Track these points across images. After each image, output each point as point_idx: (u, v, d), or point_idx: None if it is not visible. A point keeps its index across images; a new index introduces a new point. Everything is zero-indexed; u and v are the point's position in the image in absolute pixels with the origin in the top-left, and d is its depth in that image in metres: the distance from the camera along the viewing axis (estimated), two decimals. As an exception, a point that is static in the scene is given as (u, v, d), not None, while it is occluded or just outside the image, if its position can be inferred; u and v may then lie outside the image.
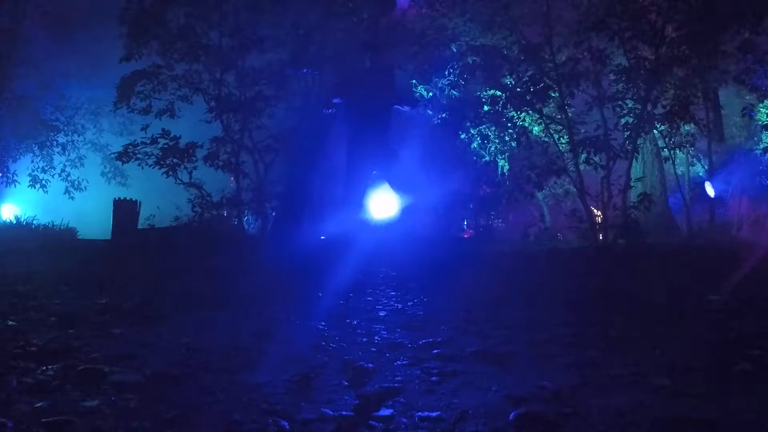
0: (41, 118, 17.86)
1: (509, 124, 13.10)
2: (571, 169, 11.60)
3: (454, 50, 13.65)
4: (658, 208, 13.14)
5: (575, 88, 11.54)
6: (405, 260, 7.93)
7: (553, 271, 7.22)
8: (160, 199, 13.56)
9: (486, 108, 12.99)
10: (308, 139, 13.65)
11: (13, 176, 17.27)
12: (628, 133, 11.41)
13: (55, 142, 18.11)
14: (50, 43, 17.58)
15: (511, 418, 1.86)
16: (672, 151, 13.24)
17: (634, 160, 11.68)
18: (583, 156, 11.30)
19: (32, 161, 17.88)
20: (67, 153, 18.43)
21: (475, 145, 13.76)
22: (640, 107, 11.05)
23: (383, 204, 15.26)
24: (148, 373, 2.35)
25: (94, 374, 2.33)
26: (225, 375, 2.42)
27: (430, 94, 14.54)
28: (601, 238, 11.42)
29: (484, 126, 13.43)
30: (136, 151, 12.04)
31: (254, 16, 12.90)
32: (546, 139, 12.92)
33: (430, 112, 14.76)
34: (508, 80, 12.71)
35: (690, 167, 15.64)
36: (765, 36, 10.83)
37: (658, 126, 11.82)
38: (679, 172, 14.34)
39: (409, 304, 4.58)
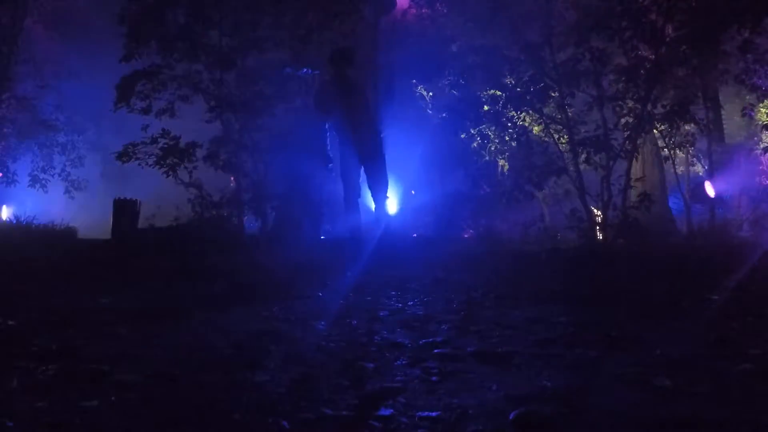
0: (41, 118, 17.87)
1: (509, 124, 13.12)
2: (571, 168, 11.62)
3: (454, 50, 13.68)
4: (658, 208, 13.16)
5: (575, 87, 11.57)
6: (405, 260, 7.93)
7: (553, 270, 7.22)
8: (160, 199, 13.58)
9: (486, 108, 13.01)
10: (308, 138, 13.66)
11: (13, 176, 17.29)
12: (628, 133, 11.43)
13: (55, 142, 18.12)
14: (50, 43, 17.60)
15: (511, 418, 1.86)
16: (672, 151, 13.26)
17: (634, 160, 11.70)
18: (583, 156, 11.32)
19: (32, 161, 17.90)
20: (67, 153, 18.44)
21: (474, 144, 13.78)
22: (640, 107, 11.07)
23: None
24: (148, 373, 2.35)
25: (94, 374, 2.33)
26: (225, 375, 2.42)
27: (431, 93, 14.56)
28: (601, 237, 11.43)
29: (484, 126, 13.44)
30: (136, 151, 12.07)
31: (254, 16, 12.92)
32: (546, 139, 12.94)
33: (430, 112, 14.78)
34: (507, 80, 12.75)
35: (690, 167, 15.65)
36: (765, 36, 10.84)
37: (658, 126, 11.84)
38: (679, 172, 14.35)
39: (409, 304, 4.58)
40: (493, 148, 13.97)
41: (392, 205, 15.20)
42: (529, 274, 6.66)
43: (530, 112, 12.46)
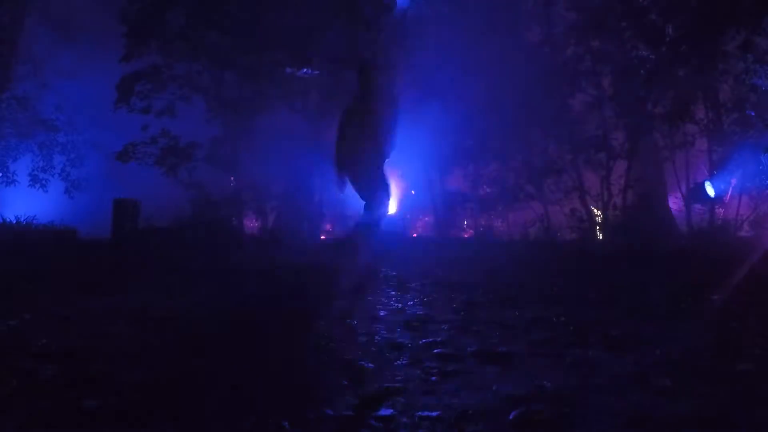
0: (41, 118, 17.83)
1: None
2: (571, 168, 11.63)
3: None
4: (658, 208, 13.15)
5: (575, 87, 11.58)
6: (405, 260, 7.94)
7: (552, 271, 7.22)
8: (159, 199, 13.56)
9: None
10: (308, 138, 13.65)
11: (13, 176, 17.27)
12: (628, 133, 11.44)
13: (55, 142, 18.11)
14: (50, 43, 17.58)
15: (511, 418, 1.86)
16: (672, 151, 13.25)
17: (634, 160, 11.71)
18: (583, 156, 11.33)
19: (32, 161, 17.88)
20: (67, 153, 18.42)
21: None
22: (640, 107, 11.08)
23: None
24: (148, 373, 2.35)
25: (94, 374, 2.33)
26: (225, 375, 2.42)
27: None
28: (600, 238, 11.44)
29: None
30: (136, 151, 12.08)
31: (254, 16, 12.90)
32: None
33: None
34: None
35: (690, 167, 15.62)
36: (765, 36, 10.83)
37: (657, 126, 11.85)
38: (679, 172, 14.34)
39: (409, 304, 4.58)
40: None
41: (394, 206, 15.20)
42: (529, 275, 6.66)
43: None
